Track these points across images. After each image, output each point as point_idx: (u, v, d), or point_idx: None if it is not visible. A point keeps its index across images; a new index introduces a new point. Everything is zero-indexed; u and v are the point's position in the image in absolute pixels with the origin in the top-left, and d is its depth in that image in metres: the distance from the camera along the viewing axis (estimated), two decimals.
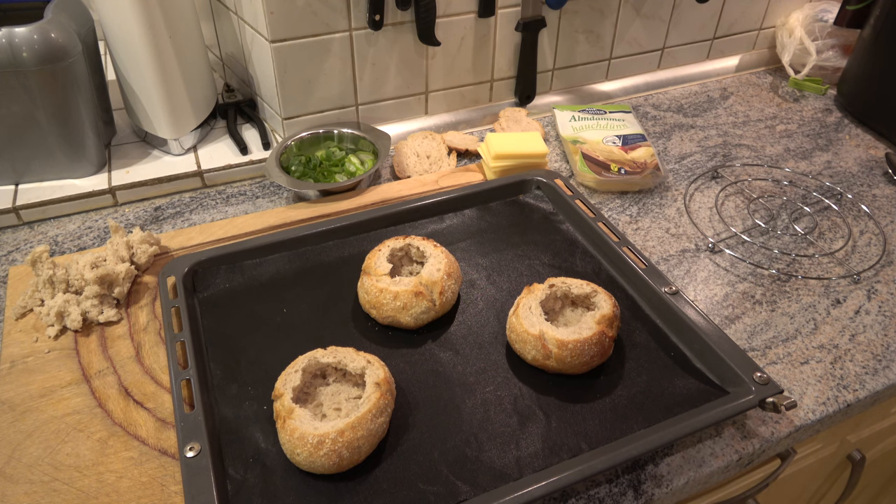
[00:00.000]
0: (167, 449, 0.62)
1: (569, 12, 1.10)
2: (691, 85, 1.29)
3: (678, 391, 0.65)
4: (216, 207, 0.94)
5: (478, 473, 0.58)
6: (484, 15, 1.03)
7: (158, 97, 0.94)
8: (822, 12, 1.25)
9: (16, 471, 0.60)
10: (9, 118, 0.86)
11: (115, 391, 0.67)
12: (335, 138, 1.02)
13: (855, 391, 0.70)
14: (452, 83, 1.09)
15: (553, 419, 0.63)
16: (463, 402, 0.64)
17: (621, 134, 1.05)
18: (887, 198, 0.99)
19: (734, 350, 0.67)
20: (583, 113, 1.10)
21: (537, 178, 0.92)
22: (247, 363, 0.68)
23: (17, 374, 0.68)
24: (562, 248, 0.83)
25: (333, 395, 0.63)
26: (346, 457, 0.56)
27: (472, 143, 1.05)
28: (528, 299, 0.69)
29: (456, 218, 0.88)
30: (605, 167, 0.97)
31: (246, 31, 0.98)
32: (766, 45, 1.36)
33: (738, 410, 0.62)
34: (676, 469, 0.62)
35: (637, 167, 0.97)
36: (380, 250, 0.75)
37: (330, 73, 0.98)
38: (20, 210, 0.89)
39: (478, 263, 0.81)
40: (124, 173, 0.95)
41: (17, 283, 0.79)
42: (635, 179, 0.96)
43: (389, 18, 0.97)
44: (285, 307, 0.74)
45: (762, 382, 0.63)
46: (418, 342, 0.71)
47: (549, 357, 0.65)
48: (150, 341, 0.72)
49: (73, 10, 0.91)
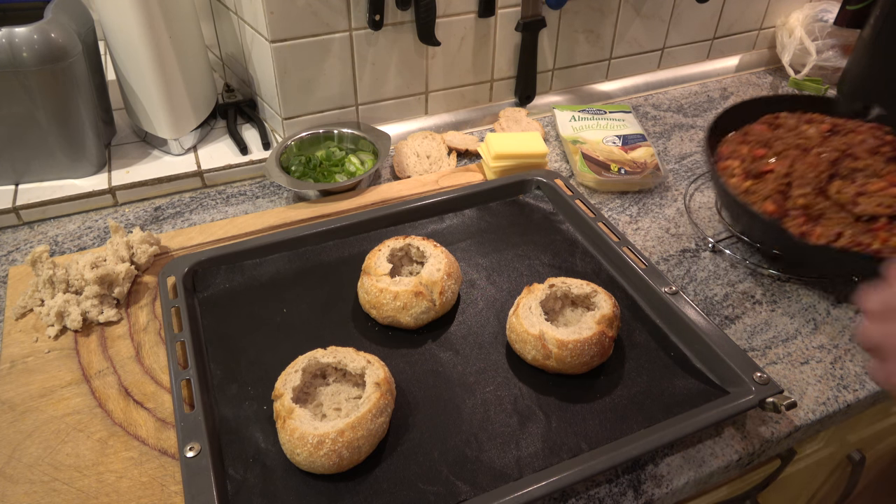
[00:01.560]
0: (167, 449, 0.62)
1: (569, 12, 1.10)
2: (691, 85, 1.29)
3: (678, 391, 0.65)
4: (216, 207, 0.94)
5: (478, 473, 0.58)
6: (484, 15, 1.03)
7: (158, 97, 0.94)
8: (822, 12, 1.25)
9: (16, 471, 0.60)
10: (9, 118, 0.86)
11: (115, 391, 0.67)
12: (335, 138, 1.02)
13: (855, 391, 0.70)
14: (452, 83, 1.09)
15: (553, 419, 0.63)
16: (463, 402, 0.64)
17: (621, 134, 1.05)
18: None
19: (734, 350, 0.67)
20: (583, 113, 1.10)
21: (537, 178, 0.92)
22: (247, 363, 0.68)
23: (17, 374, 0.68)
24: (562, 248, 0.83)
25: (333, 395, 0.63)
26: (346, 457, 0.56)
27: (472, 143, 1.05)
28: (528, 299, 0.69)
29: (456, 218, 0.88)
30: (605, 167, 0.97)
31: (246, 31, 0.98)
32: (766, 45, 1.36)
33: (738, 410, 0.62)
34: (676, 469, 0.62)
35: (637, 167, 0.97)
36: (380, 250, 0.75)
37: (330, 73, 0.98)
38: (20, 210, 0.89)
39: (478, 263, 0.81)
40: (124, 173, 0.95)
41: (17, 283, 0.79)
42: (635, 179, 0.96)
43: (389, 18, 0.97)
44: (285, 307, 0.74)
45: (762, 382, 0.63)
46: (418, 342, 0.71)
47: (549, 357, 0.65)
48: (150, 341, 0.72)
49: (73, 10, 0.91)
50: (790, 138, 0.87)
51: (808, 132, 0.88)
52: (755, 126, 0.92)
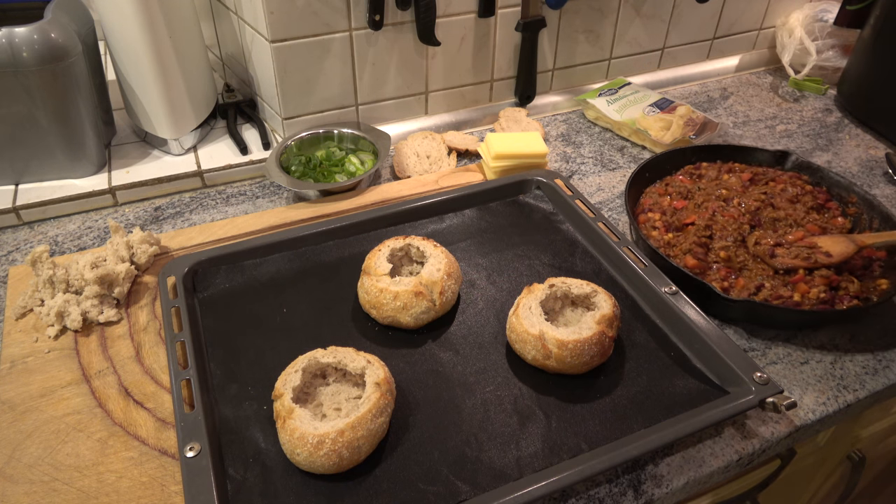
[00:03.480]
0: (167, 449, 0.62)
1: (569, 12, 1.10)
2: (691, 85, 1.29)
3: (678, 391, 0.65)
4: (216, 207, 0.94)
5: (478, 473, 0.58)
6: (484, 15, 1.03)
7: (158, 97, 0.94)
8: (822, 12, 1.26)
9: (16, 471, 0.60)
10: (9, 118, 0.86)
11: (115, 391, 0.67)
12: (335, 138, 1.02)
13: (855, 391, 0.70)
14: (452, 83, 1.09)
15: (553, 419, 0.63)
16: (463, 402, 0.64)
17: (652, 103, 1.12)
18: (887, 198, 0.99)
19: (734, 350, 0.67)
20: (606, 96, 1.15)
21: (537, 178, 0.92)
22: (247, 363, 0.68)
23: (17, 374, 0.68)
24: (562, 248, 0.83)
25: (333, 395, 0.63)
26: (346, 457, 0.56)
27: (472, 143, 1.05)
28: (528, 299, 0.69)
29: (456, 218, 0.88)
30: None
31: (246, 31, 0.98)
32: (766, 45, 1.36)
33: (738, 410, 0.62)
34: (676, 469, 0.62)
35: (694, 126, 1.06)
36: (380, 250, 0.75)
37: (330, 73, 0.98)
38: (20, 210, 0.89)
39: (478, 263, 0.81)
40: (124, 173, 0.95)
41: (17, 283, 0.79)
42: (709, 136, 1.06)
43: (389, 18, 0.97)
44: (285, 307, 0.74)
45: (762, 382, 0.63)
46: (418, 342, 0.71)
47: (549, 357, 0.65)
48: (150, 341, 0.72)
49: (73, 10, 0.91)
50: (711, 188, 0.89)
51: (729, 182, 0.90)
52: (676, 177, 0.93)
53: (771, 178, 0.91)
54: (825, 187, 0.90)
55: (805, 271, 0.76)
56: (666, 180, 0.93)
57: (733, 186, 0.89)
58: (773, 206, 0.85)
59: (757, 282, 0.76)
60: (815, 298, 0.74)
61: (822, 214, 0.85)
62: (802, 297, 0.74)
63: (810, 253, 0.77)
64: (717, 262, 0.78)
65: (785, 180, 0.90)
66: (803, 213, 0.84)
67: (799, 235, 0.80)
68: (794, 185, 0.88)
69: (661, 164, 0.94)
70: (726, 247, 0.79)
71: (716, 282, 0.77)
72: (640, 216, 0.87)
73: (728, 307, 0.74)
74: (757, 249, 0.79)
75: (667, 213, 0.86)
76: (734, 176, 0.91)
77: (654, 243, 0.82)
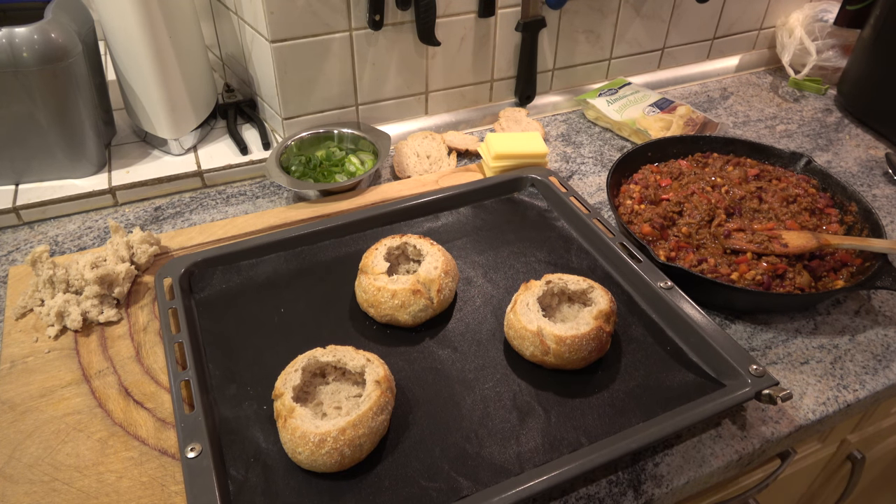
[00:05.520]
0: (167, 449, 0.62)
1: (569, 12, 1.10)
2: (691, 85, 1.29)
3: (675, 385, 0.66)
4: (216, 207, 0.94)
5: (479, 469, 0.58)
6: (484, 15, 1.03)
7: (158, 97, 0.94)
8: (822, 12, 1.26)
9: (16, 471, 0.60)
10: (9, 118, 0.86)
11: (115, 391, 0.67)
12: (335, 138, 1.02)
13: (855, 391, 0.70)
14: (452, 83, 1.09)
15: (552, 414, 0.63)
16: (462, 399, 0.64)
17: (651, 103, 1.12)
18: (887, 198, 0.99)
19: (729, 343, 0.67)
20: (606, 96, 1.14)
21: (532, 175, 0.92)
22: (245, 363, 0.68)
23: (17, 374, 0.68)
24: (557, 244, 0.83)
25: (333, 393, 0.63)
26: (347, 455, 0.56)
27: (472, 143, 1.06)
28: (525, 296, 0.69)
29: (452, 216, 0.88)
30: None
31: (246, 31, 0.98)
32: (766, 45, 1.36)
33: (734, 402, 0.62)
34: (676, 469, 0.62)
35: (694, 126, 1.05)
36: (377, 249, 0.75)
37: (330, 73, 0.98)
38: (20, 210, 0.90)
39: (474, 261, 0.81)
40: (124, 173, 0.95)
41: (17, 283, 0.79)
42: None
43: (389, 18, 0.97)
44: (283, 307, 0.74)
45: (758, 374, 0.63)
46: (417, 340, 0.71)
47: (547, 353, 0.65)
48: (150, 341, 0.72)
49: (73, 10, 0.91)
50: (706, 175, 0.89)
51: (731, 173, 0.90)
52: (680, 161, 0.94)
53: (777, 176, 0.90)
54: (830, 193, 0.89)
55: (753, 255, 0.77)
56: (668, 163, 0.94)
57: (731, 177, 0.89)
58: (761, 200, 0.85)
59: (700, 258, 0.77)
60: (750, 280, 0.74)
61: (816, 217, 0.85)
62: (740, 276, 0.75)
63: (766, 241, 0.78)
64: (677, 236, 0.80)
65: (792, 181, 0.89)
66: (795, 211, 0.84)
67: (769, 226, 0.80)
68: (798, 187, 0.88)
69: (666, 146, 0.95)
70: (689, 223, 0.80)
71: (663, 251, 0.78)
72: (623, 185, 0.89)
73: (665, 272, 0.75)
74: (716, 230, 0.80)
75: (649, 188, 0.87)
76: (739, 169, 0.91)
77: (623, 210, 0.85)
